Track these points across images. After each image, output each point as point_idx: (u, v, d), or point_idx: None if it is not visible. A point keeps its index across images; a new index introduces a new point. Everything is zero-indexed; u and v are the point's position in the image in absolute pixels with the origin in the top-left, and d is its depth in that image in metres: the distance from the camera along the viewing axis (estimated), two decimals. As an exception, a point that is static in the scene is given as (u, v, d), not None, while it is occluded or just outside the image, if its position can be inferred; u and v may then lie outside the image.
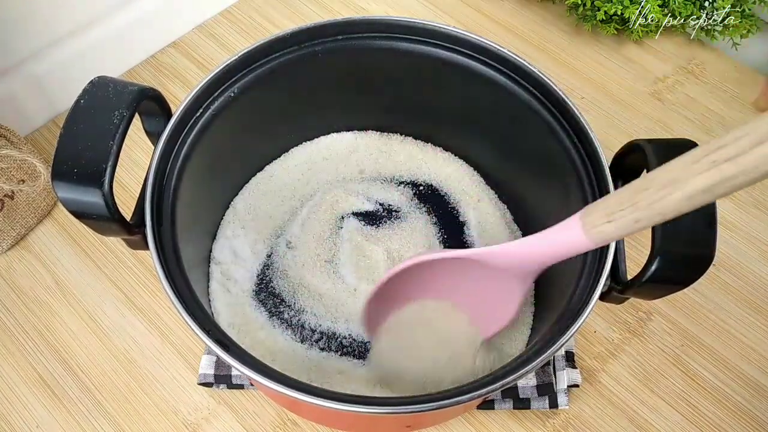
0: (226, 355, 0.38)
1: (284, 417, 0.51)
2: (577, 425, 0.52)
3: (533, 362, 0.38)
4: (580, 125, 0.46)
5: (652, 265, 0.37)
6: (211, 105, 0.48)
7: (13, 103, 0.62)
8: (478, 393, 0.37)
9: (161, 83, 0.69)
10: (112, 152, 0.37)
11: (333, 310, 0.52)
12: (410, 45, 0.51)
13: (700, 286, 0.57)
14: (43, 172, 0.57)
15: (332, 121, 0.59)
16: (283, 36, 0.49)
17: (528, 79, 0.48)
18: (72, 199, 0.37)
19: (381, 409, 0.36)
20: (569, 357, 0.53)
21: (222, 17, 0.74)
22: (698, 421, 0.52)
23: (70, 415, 0.51)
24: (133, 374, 0.53)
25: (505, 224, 0.56)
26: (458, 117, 0.56)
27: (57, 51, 0.62)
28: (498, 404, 0.51)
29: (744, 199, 0.63)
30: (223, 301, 0.51)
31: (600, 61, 0.72)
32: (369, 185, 0.59)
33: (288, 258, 0.54)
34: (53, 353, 0.54)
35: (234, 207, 0.57)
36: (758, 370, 0.54)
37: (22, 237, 0.59)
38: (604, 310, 0.56)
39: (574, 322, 0.39)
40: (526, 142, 0.51)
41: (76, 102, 0.38)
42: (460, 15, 0.75)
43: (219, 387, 0.52)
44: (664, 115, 0.68)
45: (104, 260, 0.58)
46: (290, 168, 0.59)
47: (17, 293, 0.56)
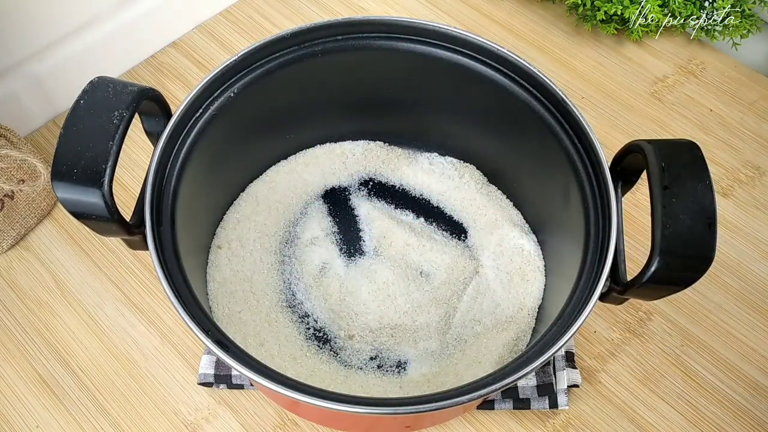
0: (226, 356, 0.38)
1: (284, 417, 0.51)
2: (577, 425, 0.52)
3: (533, 362, 0.38)
4: (580, 125, 0.46)
5: (652, 266, 0.37)
6: (211, 105, 0.48)
7: (13, 103, 0.62)
8: (478, 393, 0.37)
9: (161, 83, 0.69)
10: (112, 152, 0.37)
11: (342, 316, 0.52)
12: (410, 45, 0.51)
13: (700, 286, 0.57)
14: (43, 172, 0.57)
15: (332, 121, 0.59)
16: (283, 36, 0.49)
17: (528, 79, 0.48)
18: (72, 200, 0.37)
19: (381, 409, 0.36)
20: (569, 357, 0.53)
21: (222, 17, 0.74)
22: (698, 421, 0.52)
23: (70, 415, 0.51)
24: (133, 374, 0.53)
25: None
26: (458, 117, 0.56)
27: (57, 51, 0.62)
28: (498, 404, 0.51)
29: (744, 199, 0.63)
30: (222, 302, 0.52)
31: (600, 61, 0.72)
32: (371, 190, 0.59)
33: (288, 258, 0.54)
34: (53, 353, 0.54)
35: (234, 207, 0.57)
36: (758, 370, 0.54)
37: (22, 237, 0.59)
38: (604, 310, 0.56)
39: (574, 322, 0.39)
40: (526, 142, 0.51)
41: (76, 102, 0.38)
42: (460, 15, 0.75)
43: (219, 387, 0.52)
44: (663, 115, 0.68)
45: (104, 260, 0.58)
46: (289, 172, 0.59)
47: (17, 293, 0.56)
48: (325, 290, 0.53)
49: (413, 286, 0.53)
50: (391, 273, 0.54)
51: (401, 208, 0.58)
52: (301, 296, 0.54)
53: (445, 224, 0.58)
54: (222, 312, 0.51)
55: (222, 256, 0.54)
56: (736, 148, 0.66)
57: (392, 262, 0.54)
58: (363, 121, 0.59)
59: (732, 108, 0.68)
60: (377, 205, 0.58)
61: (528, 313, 0.52)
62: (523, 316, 0.52)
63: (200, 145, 0.47)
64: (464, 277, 0.54)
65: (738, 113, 0.68)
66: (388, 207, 0.58)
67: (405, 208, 0.58)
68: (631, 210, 0.61)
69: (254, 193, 0.57)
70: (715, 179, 0.60)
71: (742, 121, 0.67)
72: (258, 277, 0.53)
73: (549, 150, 0.48)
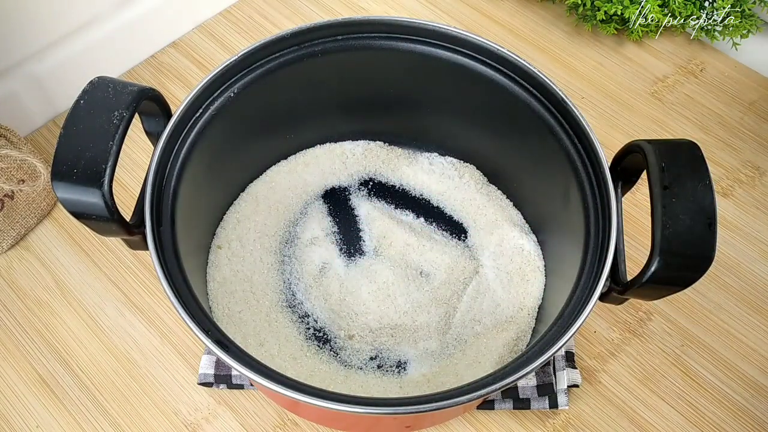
0: (226, 356, 0.38)
1: (284, 417, 0.51)
2: (577, 425, 0.52)
3: (533, 363, 0.38)
4: (580, 125, 0.46)
5: (652, 266, 0.37)
6: (211, 105, 0.48)
7: (13, 103, 0.62)
8: (478, 393, 0.37)
9: (161, 83, 0.69)
10: (112, 152, 0.37)
11: (342, 316, 0.52)
12: (410, 45, 0.51)
13: (700, 286, 0.57)
14: (43, 172, 0.57)
15: (332, 121, 0.59)
16: (283, 36, 0.49)
17: (528, 79, 0.48)
18: (72, 200, 0.37)
19: (381, 409, 0.36)
20: (569, 357, 0.53)
21: (222, 17, 0.74)
22: (698, 421, 0.52)
23: (70, 415, 0.51)
24: (133, 374, 0.53)
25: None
26: (458, 117, 0.56)
27: (57, 51, 0.62)
28: (498, 404, 0.51)
29: (744, 199, 0.63)
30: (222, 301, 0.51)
31: (600, 61, 0.72)
32: (370, 191, 0.59)
33: (288, 259, 0.54)
34: (53, 353, 0.54)
35: (234, 207, 0.57)
36: (758, 370, 0.54)
37: (22, 237, 0.59)
38: (604, 310, 0.56)
39: (574, 322, 0.39)
40: (526, 142, 0.51)
41: (76, 102, 0.38)
42: (460, 15, 0.75)
43: (219, 387, 0.52)
44: (663, 115, 0.68)
45: (104, 260, 0.58)
46: (289, 172, 0.59)
47: (17, 293, 0.56)
48: (325, 290, 0.53)
49: (413, 286, 0.53)
50: (391, 273, 0.54)
51: (401, 208, 0.58)
52: (301, 296, 0.54)
53: (445, 224, 0.58)
54: (222, 312, 0.51)
55: (222, 256, 0.54)
56: (736, 148, 0.66)
57: (392, 262, 0.54)
58: (363, 121, 0.59)
59: (732, 108, 0.68)
60: (377, 205, 0.58)
61: (528, 313, 0.52)
62: (523, 316, 0.52)
63: (200, 145, 0.47)
64: (464, 277, 0.54)
65: (738, 113, 0.68)
66: (388, 207, 0.58)
67: (405, 208, 0.58)
68: (631, 210, 0.61)
69: (254, 193, 0.57)
70: (715, 179, 0.60)
71: (742, 121, 0.67)
72: (258, 277, 0.54)
73: (549, 150, 0.48)
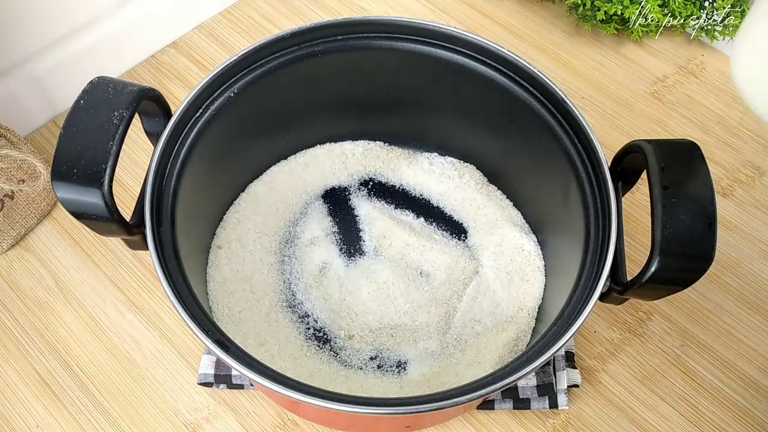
0: (226, 356, 0.38)
1: (284, 417, 0.51)
2: (577, 425, 0.52)
3: (533, 363, 0.38)
4: (580, 125, 0.46)
5: (652, 266, 0.37)
6: (211, 105, 0.48)
7: (13, 103, 0.62)
8: (478, 393, 0.37)
9: (161, 83, 0.69)
10: (112, 152, 0.37)
11: (342, 316, 0.52)
12: (410, 45, 0.51)
13: (700, 286, 0.57)
14: (43, 172, 0.57)
15: (332, 121, 0.59)
16: (283, 36, 0.49)
17: (528, 79, 0.48)
18: (72, 200, 0.37)
19: (381, 409, 0.36)
20: (569, 357, 0.53)
21: (222, 17, 0.74)
22: (698, 421, 0.52)
23: (70, 415, 0.51)
24: (133, 374, 0.53)
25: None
26: (458, 117, 0.56)
27: (57, 51, 0.62)
28: (498, 404, 0.51)
29: (744, 199, 0.63)
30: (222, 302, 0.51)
31: (600, 61, 0.72)
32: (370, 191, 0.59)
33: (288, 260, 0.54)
34: (53, 353, 0.54)
35: (234, 207, 0.57)
36: (758, 370, 0.54)
37: (22, 237, 0.59)
38: (604, 310, 0.56)
39: (574, 322, 0.39)
40: (526, 142, 0.51)
41: (76, 102, 0.38)
42: (460, 15, 0.75)
43: (219, 387, 0.52)
44: (663, 115, 0.68)
45: (104, 260, 0.58)
46: (289, 172, 0.59)
47: (17, 293, 0.56)
48: (325, 290, 0.53)
49: (413, 286, 0.53)
50: (391, 273, 0.54)
51: (401, 208, 0.58)
52: (301, 296, 0.54)
53: (445, 224, 0.58)
54: (222, 312, 0.51)
55: (222, 256, 0.54)
56: (736, 148, 0.66)
57: (392, 262, 0.54)
58: (363, 121, 0.59)
59: (732, 108, 0.68)
60: (377, 205, 0.58)
61: (528, 313, 0.52)
62: (523, 316, 0.52)
63: (200, 145, 0.47)
64: (464, 277, 0.54)
65: (738, 113, 0.68)
66: (388, 207, 0.58)
67: (405, 208, 0.58)
68: (631, 210, 0.61)
69: (254, 193, 0.57)
70: (715, 179, 0.60)
71: (742, 121, 0.67)
72: (258, 277, 0.54)
73: (549, 150, 0.48)
